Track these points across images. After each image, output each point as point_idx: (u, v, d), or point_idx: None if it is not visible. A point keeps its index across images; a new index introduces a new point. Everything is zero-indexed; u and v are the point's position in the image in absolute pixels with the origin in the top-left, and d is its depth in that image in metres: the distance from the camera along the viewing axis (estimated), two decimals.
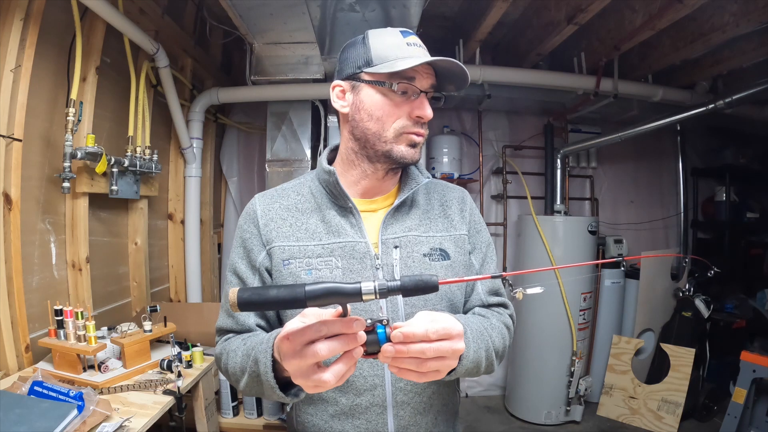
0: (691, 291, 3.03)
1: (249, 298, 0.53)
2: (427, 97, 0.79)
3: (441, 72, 0.80)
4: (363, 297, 0.52)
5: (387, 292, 0.52)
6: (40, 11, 1.51)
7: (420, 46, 0.79)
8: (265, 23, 2.02)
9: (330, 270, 0.78)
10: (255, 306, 0.53)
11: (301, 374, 0.56)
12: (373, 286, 0.51)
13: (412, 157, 0.80)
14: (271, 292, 0.53)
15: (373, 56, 0.77)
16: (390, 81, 0.76)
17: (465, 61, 2.72)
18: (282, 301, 0.52)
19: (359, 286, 0.52)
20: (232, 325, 0.82)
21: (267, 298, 0.53)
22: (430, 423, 0.81)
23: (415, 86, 0.77)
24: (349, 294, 0.52)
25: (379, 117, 0.78)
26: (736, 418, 2.29)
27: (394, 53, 0.76)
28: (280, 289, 0.53)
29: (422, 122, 0.80)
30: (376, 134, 0.79)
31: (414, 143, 0.80)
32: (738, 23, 2.06)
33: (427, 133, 0.82)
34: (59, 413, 1.15)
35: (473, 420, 3.00)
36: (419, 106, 0.78)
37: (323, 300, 0.52)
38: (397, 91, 0.77)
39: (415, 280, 0.53)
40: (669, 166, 3.56)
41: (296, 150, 2.60)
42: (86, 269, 1.83)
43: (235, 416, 2.32)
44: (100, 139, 1.86)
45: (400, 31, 0.79)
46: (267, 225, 0.82)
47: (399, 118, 0.78)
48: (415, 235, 0.83)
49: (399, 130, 0.79)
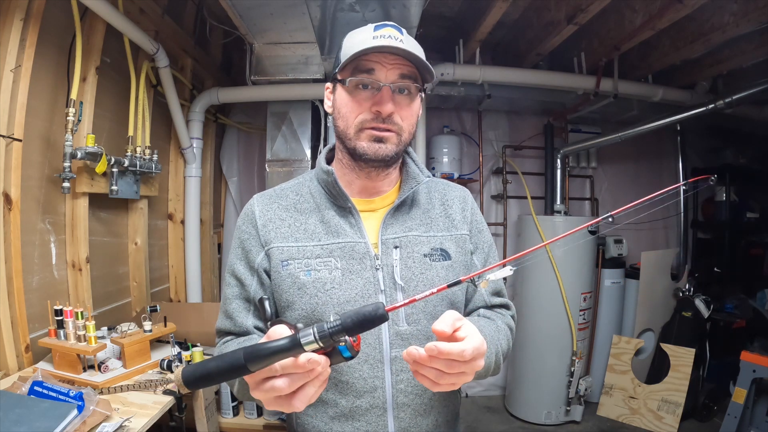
0: (691, 291, 3.03)
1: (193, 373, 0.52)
2: (396, 89, 0.76)
3: (414, 61, 0.76)
4: (304, 348, 0.49)
5: (329, 338, 0.49)
6: (40, 11, 1.51)
7: (389, 37, 0.74)
8: (265, 23, 2.02)
9: (329, 271, 0.77)
10: (201, 382, 0.52)
11: (270, 404, 0.56)
12: (312, 335, 0.49)
13: (374, 153, 0.77)
14: (210, 365, 0.51)
15: (342, 55, 0.78)
16: (349, 78, 0.76)
17: (465, 61, 2.73)
18: (224, 372, 0.51)
19: (298, 339, 0.49)
20: (231, 327, 0.82)
21: (209, 371, 0.51)
22: (431, 424, 0.81)
23: (373, 78, 0.75)
24: (289, 349, 0.49)
25: (344, 114, 0.78)
26: (736, 418, 2.29)
27: (356, 50, 0.74)
28: (220, 360, 0.51)
29: (383, 116, 0.75)
30: (343, 132, 0.79)
31: (377, 138, 0.76)
32: (738, 23, 2.06)
33: (399, 128, 0.78)
34: (59, 413, 1.15)
35: (473, 420, 3.00)
36: (377, 100, 0.75)
37: (265, 362, 0.50)
38: (352, 86, 0.76)
39: (358, 317, 0.49)
40: (669, 166, 3.56)
41: (296, 150, 2.60)
42: (86, 269, 1.83)
43: (235, 416, 2.32)
44: (100, 139, 1.86)
45: (374, 26, 0.77)
46: (265, 226, 0.81)
47: (360, 113, 0.76)
48: (415, 235, 0.82)
49: (359, 126, 0.77)
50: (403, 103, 0.78)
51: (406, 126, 0.79)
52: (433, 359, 0.55)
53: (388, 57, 0.75)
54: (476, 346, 0.57)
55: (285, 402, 0.54)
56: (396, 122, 0.77)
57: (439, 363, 0.55)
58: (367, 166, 0.80)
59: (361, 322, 0.49)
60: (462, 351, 0.55)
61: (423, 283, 0.79)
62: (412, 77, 0.77)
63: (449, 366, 0.56)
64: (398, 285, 0.78)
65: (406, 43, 0.75)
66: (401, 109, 0.77)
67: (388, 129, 0.77)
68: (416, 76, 0.78)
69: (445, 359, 0.55)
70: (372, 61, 0.75)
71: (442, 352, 0.54)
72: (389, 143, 0.78)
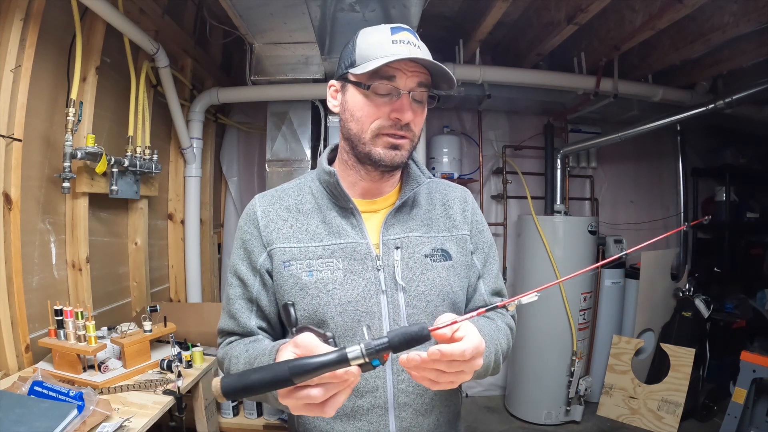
0: (691, 291, 3.03)
1: (234, 385, 0.52)
2: (413, 97, 0.75)
3: (434, 70, 0.76)
4: (351, 363, 0.50)
5: (375, 353, 0.50)
6: (40, 11, 1.51)
7: (408, 43, 0.74)
8: (265, 23, 2.02)
9: (331, 271, 0.77)
10: (241, 393, 0.52)
11: (298, 410, 0.56)
12: (359, 351, 0.50)
13: (391, 160, 0.77)
14: (253, 377, 0.51)
15: (357, 56, 0.76)
16: (368, 81, 0.74)
17: (465, 61, 2.73)
18: (267, 384, 0.51)
19: (345, 354, 0.50)
20: (234, 328, 0.82)
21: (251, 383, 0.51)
22: (432, 424, 0.81)
23: (394, 85, 0.74)
24: (336, 363, 0.50)
25: (359, 118, 0.77)
26: (736, 418, 2.29)
27: (375, 52, 0.73)
28: (262, 372, 0.52)
29: (402, 124, 0.75)
30: (356, 135, 0.78)
31: (393, 145, 0.76)
32: (738, 23, 2.06)
33: (413, 135, 0.78)
34: (59, 413, 1.15)
35: (473, 420, 3.00)
36: (397, 108, 0.74)
37: (311, 375, 0.50)
38: (372, 91, 0.75)
39: (405, 337, 0.51)
40: (669, 166, 3.57)
41: (296, 150, 2.60)
42: (86, 269, 1.83)
43: (235, 416, 2.32)
44: (100, 139, 1.86)
45: (390, 28, 0.76)
46: (267, 226, 0.81)
47: (378, 119, 0.75)
48: (416, 235, 0.82)
49: (376, 131, 0.76)
50: (417, 110, 0.77)
51: (418, 132, 0.79)
52: (435, 362, 0.56)
53: (408, 64, 0.74)
54: (475, 345, 0.58)
55: (317, 408, 0.55)
56: (411, 129, 0.77)
57: (440, 364, 0.56)
58: (376, 171, 0.80)
59: (408, 341, 0.51)
60: (462, 351, 0.55)
61: (424, 283, 0.79)
62: (428, 86, 0.77)
63: (449, 366, 0.57)
64: (399, 285, 0.78)
65: (422, 48, 0.76)
66: (415, 117, 0.77)
67: (404, 136, 0.77)
68: (430, 84, 0.78)
69: (446, 360, 0.56)
70: (393, 67, 0.74)
71: (445, 354, 0.55)
72: (404, 150, 0.78)
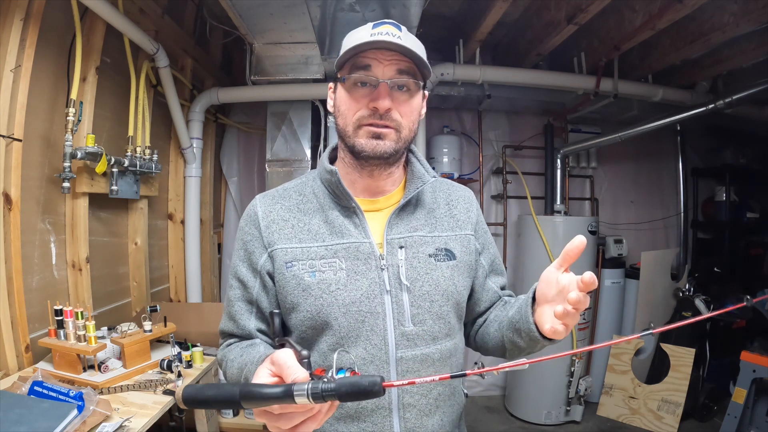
0: (691, 291, 3.03)
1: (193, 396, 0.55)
2: (395, 85, 0.75)
3: (409, 55, 0.75)
4: (295, 400, 0.51)
5: (320, 398, 0.50)
6: (40, 11, 1.51)
7: (387, 34, 0.74)
8: (265, 23, 2.02)
9: (334, 272, 0.77)
10: (198, 404, 0.57)
11: (271, 428, 0.57)
12: (305, 391, 0.50)
13: (372, 150, 0.76)
14: (209, 392, 0.56)
15: (341, 54, 0.78)
16: (347, 74, 0.76)
17: (465, 61, 2.73)
18: (220, 401, 0.54)
19: (291, 391, 0.50)
20: (234, 329, 0.83)
21: (207, 397, 0.56)
22: (436, 424, 0.80)
23: (369, 74, 0.75)
24: (280, 398, 0.51)
25: (343, 112, 0.78)
26: (736, 418, 2.29)
27: (353, 47, 0.74)
28: (218, 389, 0.56)
29: (380, 113, 0.75)
30: (343, 129, 0.79)
31: (375, 134, 0.76)
32: (738, 23, 2.06)
33: (398, 124, 0.77)
34: (59, 413, 1.15)
35: (473, 420, 3.00)
36: (374, 97, 0.75)
37: (258, 403, 0.52)
38: (351, 84, 0.76)
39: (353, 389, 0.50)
40: (669, 166, 3.56)
41: (296, 150, 2.61)
42: (86, 269, 1.83)
43: (235, 416, 2.32)
44: (100, 139, 1.86)
45: (372, 24, 0.77)
46: (269, 227, 0.81)
47: (359, 110, 0.76)
48: (420, 235, 0.81)
49: (357, 123, 0.77)
50: (401, 99, 0.77)
51: (406, 123, 0.78)
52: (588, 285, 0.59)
53: (385, 53, 0.75)
54: None
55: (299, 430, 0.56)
56: (394, 118, 0.77)
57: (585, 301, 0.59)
58: (368, 164, 0.80)
59: (356, 393, 0.50)
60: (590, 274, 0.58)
61: (428, 283, 0.79)
62: (410, 73, 0.77)
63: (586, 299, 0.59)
64: (404, 285, 0.78)
65: (404, 39, 0.75)
66: (399, 105, 0.77)
67: (386, 125, 0.76)
68: (415, 72, 0.77)
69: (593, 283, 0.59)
70: (369, 57, 0.75)
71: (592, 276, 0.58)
72: (387, 140, 0.77)
